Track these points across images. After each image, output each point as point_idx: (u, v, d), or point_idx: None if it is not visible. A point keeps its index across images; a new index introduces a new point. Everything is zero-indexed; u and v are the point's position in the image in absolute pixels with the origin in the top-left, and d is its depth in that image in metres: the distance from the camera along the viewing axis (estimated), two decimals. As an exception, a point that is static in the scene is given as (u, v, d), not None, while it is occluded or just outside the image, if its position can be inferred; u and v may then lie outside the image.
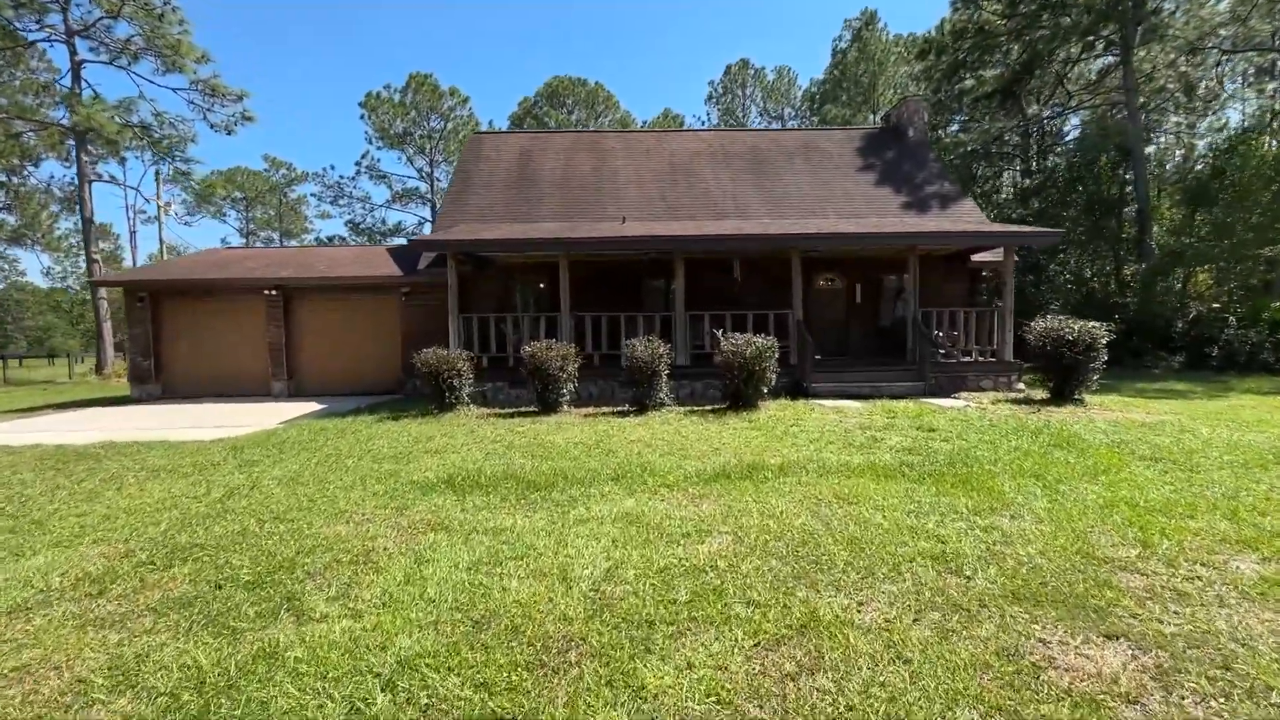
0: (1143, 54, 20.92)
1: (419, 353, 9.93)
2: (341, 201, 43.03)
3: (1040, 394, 10.53)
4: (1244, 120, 21.43)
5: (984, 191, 26.32)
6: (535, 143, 17.51)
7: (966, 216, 14.46)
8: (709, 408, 9.77)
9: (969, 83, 24.39)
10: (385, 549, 3.95)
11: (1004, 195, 27.30)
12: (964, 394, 11.12)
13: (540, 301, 14.39)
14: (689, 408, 9.86)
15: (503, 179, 15.97)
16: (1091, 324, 9.56)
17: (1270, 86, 22.87)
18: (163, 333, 14.71)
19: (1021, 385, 11.73)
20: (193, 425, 10.07)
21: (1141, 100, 20.61)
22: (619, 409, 9.82)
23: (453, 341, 11.51)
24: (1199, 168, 19.27)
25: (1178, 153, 24.03)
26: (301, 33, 75.96)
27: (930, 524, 4.18)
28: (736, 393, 9.39)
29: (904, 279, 14.27)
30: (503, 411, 9.91)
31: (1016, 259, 14.31)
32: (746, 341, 9.32)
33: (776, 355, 9.52)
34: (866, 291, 14.24)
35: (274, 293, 14.29)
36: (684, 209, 14.73)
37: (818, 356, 10.86)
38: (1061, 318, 9.88)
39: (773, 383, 9.52)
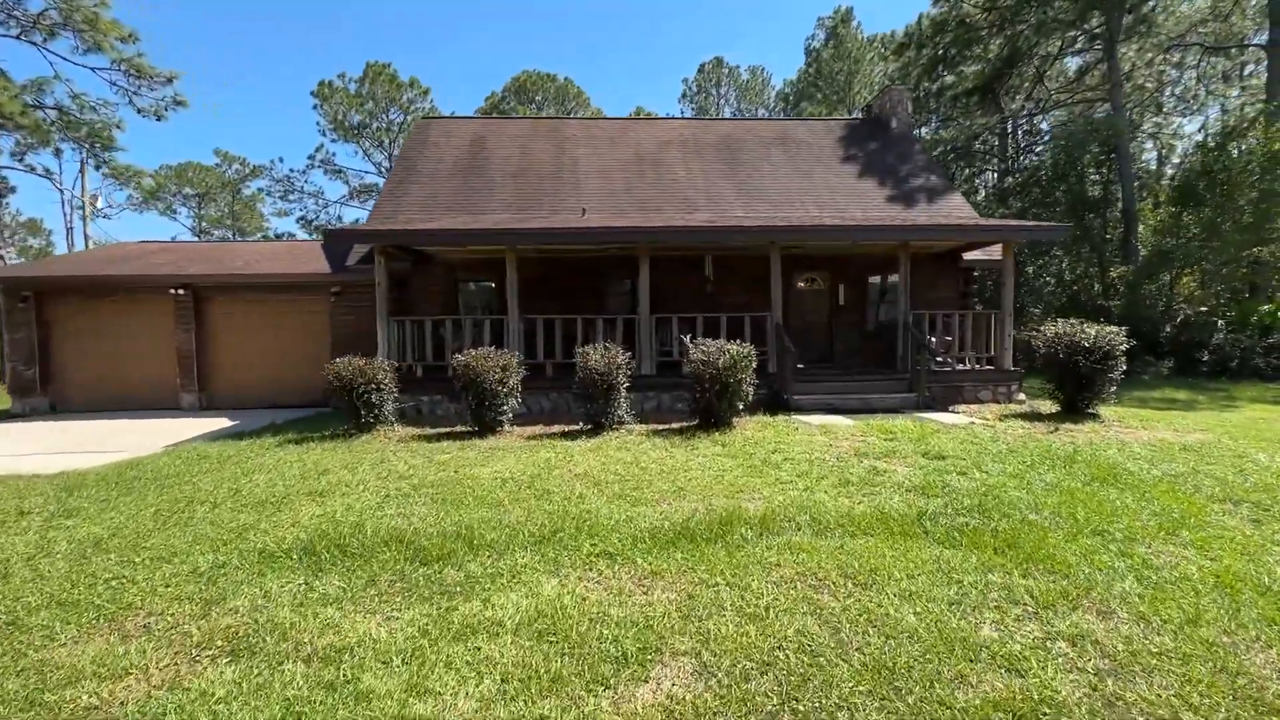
0: (1124, 52, 20.27)
1: (330, 363, 8.32)
2: (292, 197, 40.68)
3: (1047, 406, 9.37)
4: (1225, 119, 20.93)
5: (964, 192, 25.52)
6: (489, 129, 15.95)
7: (956, 211, 13.36)
8: (676, 426, 8.36)
9: (948, 79, 23.57)
10: (123, 703, 2.42)
11: (980, 196, 26.59)
12: (961, 406, 9.92)
13: (492, 304, 12.83)
14: (653, 426, 8.43)
15: (450, 167, 14.38)
16: (1110, 329, 8.42)
17: (1251, 84, 22.47)
18: (52, 338, 12.74)
19: (1022, 396, 10.59)
20: (59, 450, 8.30)
21: (1124, 99, 19.92)
22: (571, 428, 8.35)
23: (381, 349, 9.90)
24: (1186, 166, 18.56)
25: (1155, 154, 23.50)
26: (256, 12, 72.75)
27: (986, 629, 2.82)
28: (708, 409, 8.00)
29: (888, 280, 13.10)
30: (432, 432, 8.35)
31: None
32: (719, 349, 7.94)
33: (754, 364, 8.16)
34: (851, 293, 13.01)
35: (182, 292, 12.46)
36: (651, 202, 13.34)
37: (800, 365, 9.56)
38: (1074, 321, 8.73)
39: (749, 396, 8.16)
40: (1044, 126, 25.52)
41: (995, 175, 28.28)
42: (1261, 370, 16.22)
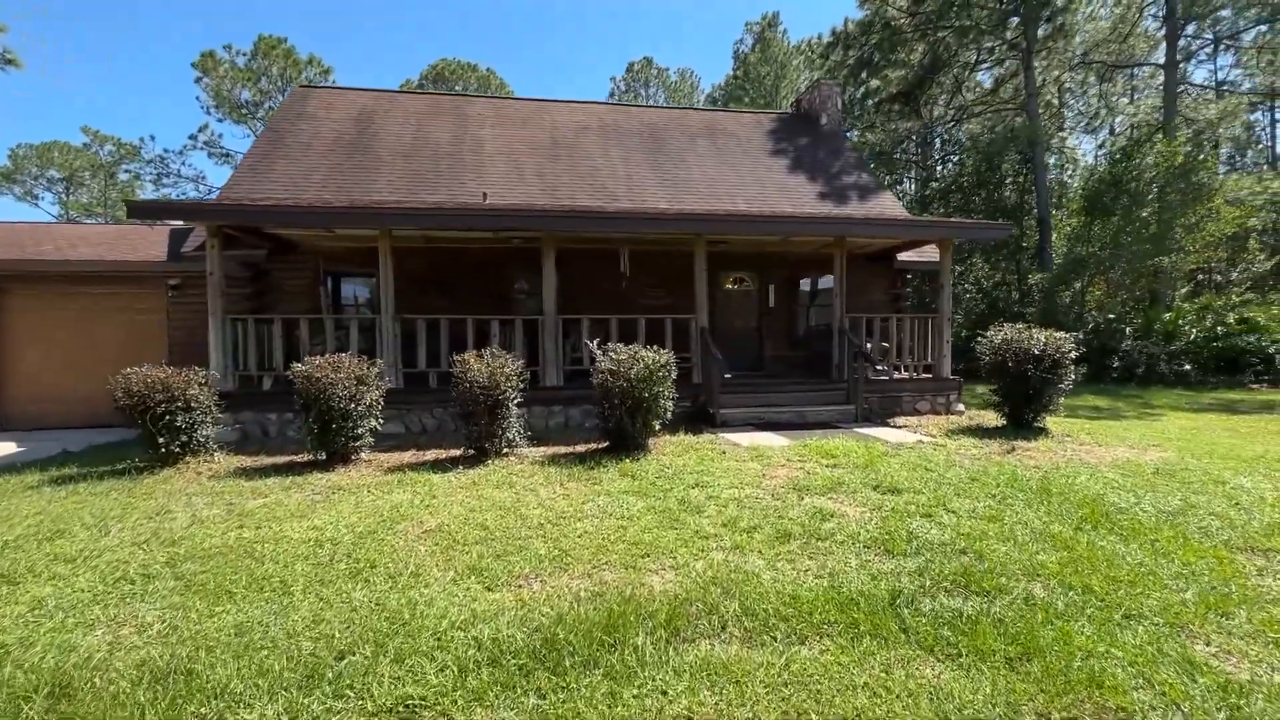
0: (1038, 66, 20.72)
1: (121, 374, 6.29)
2: (167, 180, 36.15)
3: (991, 418, 8.60)
4: (1128, 134, 21.86)
5: (887, 197, 25.60)
6: (380, 103, 13.94)
7: (889, 211, 12.67)
8: (582, 449, 6.90)
9: (873, 84, 23.47)
10: None
11: (902, 203, 26.84)
12: (901, 419, 9.03)
13: (376, 303, 10.90)
14: (554, 449, 6.93)
15: (329, 143, 12.31)
16: (1059, 335, 7.70)
17: (1149, 103, 23.65)
18: None
19: (961, 406, 9.85)
20: None
21: (1039, 110, 20.30)
22: (450, 454, 6.71)
23: (214, 355, 7.86)
24: (1095, 177, 19.03)
25: (1064, 167, 24.36)
26: (144, -8, 65.46)
27: None
28: (618, 429, 6.58)
29: (819, 283, 12.21)
30: (266, 463, 6.48)
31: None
32: (631, 357, 6.55)
33: (674, 375, 6.83)
34: (782, 295, 12.02)
35: (-39, 282, 9.82)
36: (565, 189, 11.84)
37: (727, 375, 8.36)
38: (1019, 327, 7.98)
39: (669, 412, 6.81)
40: (962, 137, 25.99)
41: (915, 184, 28.71)
42: (1165, 376, 16.66)
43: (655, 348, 6.83)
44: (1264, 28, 20.60)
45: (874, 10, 21.42)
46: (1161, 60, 19.90)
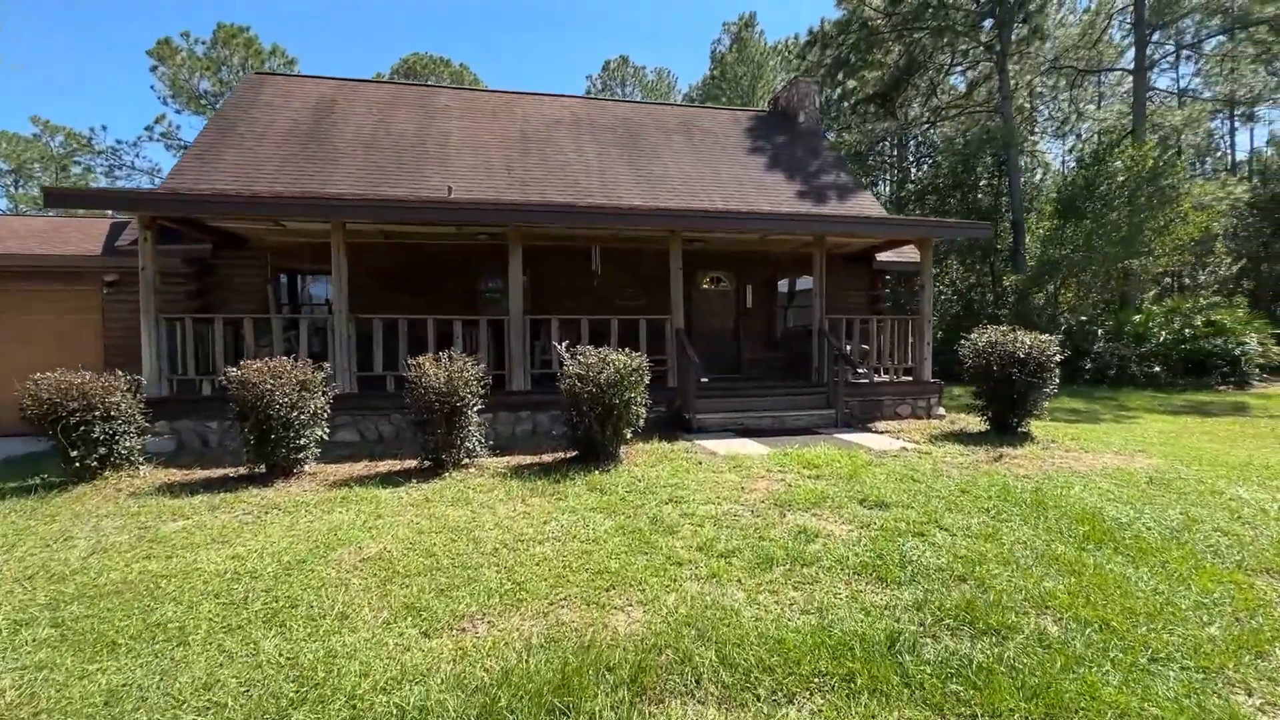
0: (1012, 69, 20.84)
1: (31, 380, 5.64)
2: (120, 172, 34.57)
3: (974, 423, 8.37)
4: (1098, 139, 22.14)
5: (863, 199, 25.60)
6: (341, 92, 13.27)
7: (867, 209, 12.44)
8: (549, 458, 6.44)
9: (850, 84, 23.40)
10: None
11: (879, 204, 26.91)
12: (882, 424, 8.75)
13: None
14: (519, 459, 6.46)
15: (284, 132, 11.63)
16: (1043, 337, 7.48)
17: (1116, 109, 24.01)
18: None
19: (942, 410, 9.62)
20: None
21: (1013, 113, 20.41)
22: (405, 465, 6.20)
23: (146, 358, 7.21)
24: (1068, 180, 19.16)
25: (1038, 171, 24.62)
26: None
27: None
28: (587, 438, 6.13)
29: (797, 284, 11.93)
30: (198, 478, 5.88)
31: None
32: (601, 360, 6.11)
33: (647, 379, 6.41)
34: (760, 296, 11.69)
35: None
36: (534, 184, 11.35)
37: (703, 379, 7.97)
38: (1003, 329, 7.74)
39: (642, 418, 6.39)
40: (936, 140, 26.12)
41: (891, 185, 28.81)
42: (1136, 378, 16.80)
43: (627, 350, 6.41)
44: (1224, 37, 21.02)
45: (851, 10, 21.33)
46: (1130, 66, 20.16)
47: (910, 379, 9.66)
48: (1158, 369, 16.86)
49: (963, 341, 8.05)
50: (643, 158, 12.93)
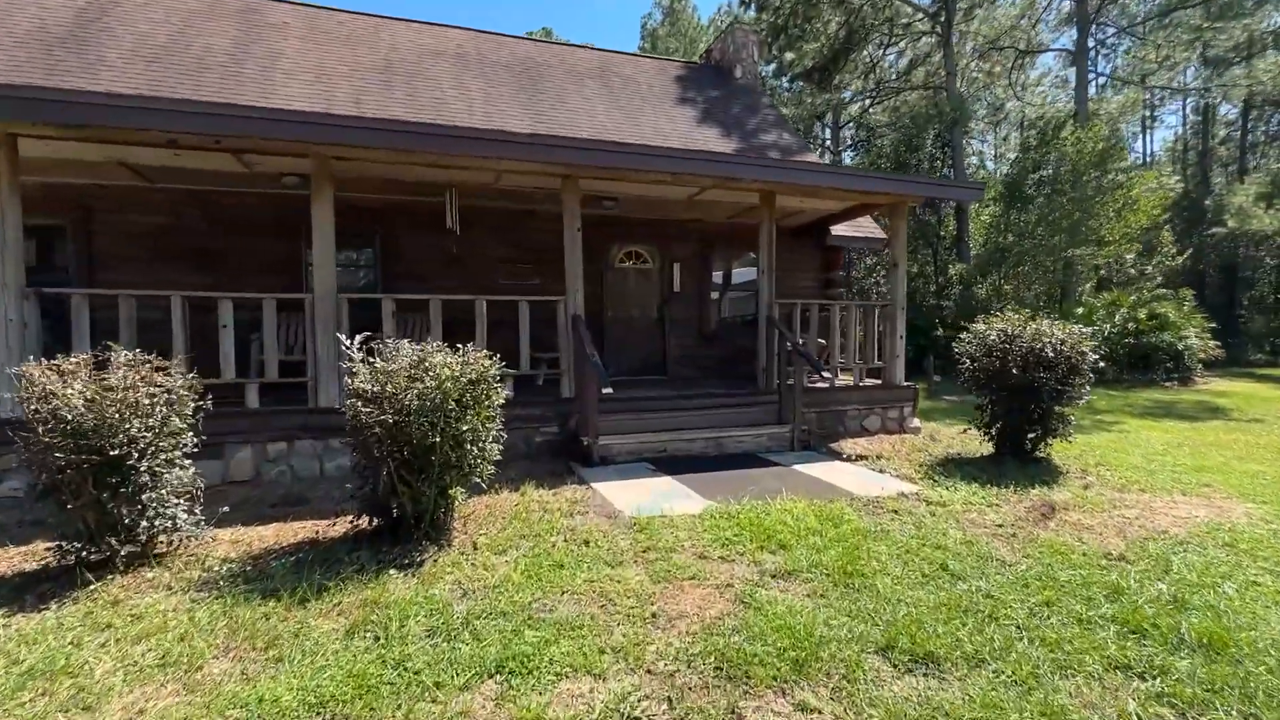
0: (957, 43, 19.56)
1: None
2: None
3: (967, 440, 6.33)
4: (1036, 123, 21.30)
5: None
6: (131, -8, 9.76)
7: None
8: (339, 528, 3.75)
9: (788, 57, 21.54)
10: None
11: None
12: (848, 442, 6.56)
13: (71, 265, 6.98)
14: (277, 533, 3.75)
15: (27, 31, 8.14)
16: (1074, 329, 5.47)
17: (1056, 91, 23.38)
18: None
19: (917, 422, 7.58)
20: None
21: (958, 89, 19.10)
22: (41, 560, 3.33)
23: None
24: (1015, 162, 18.00)
25: (976, 156, 23.71)
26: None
27: None
28: (385, 504, 3.47)
29: (733, 265, 9.64)
30: None
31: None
32: (414, 367, 3.46)
33: (502, 396, 3.81)
34: (691, 275, 9.30)
35: None
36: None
37: (606, 390, 5.43)
38: (1018, 319, 5.68)
39: (490, 460, 3.79)
40: (874, 124, 24.79)
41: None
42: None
43: (473, 349, 3.78)
44: (1157, 21, 20.50)
45: (789, -29, 19.39)
46: (1072, 47, 19.29)
47: (879, 382, 7.56)
48: (1103, 365, 15.91)
49: (962, 336, 5.95)
50: (544, 102, 10.24)
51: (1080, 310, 17.80)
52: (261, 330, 5.47)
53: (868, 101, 23.13)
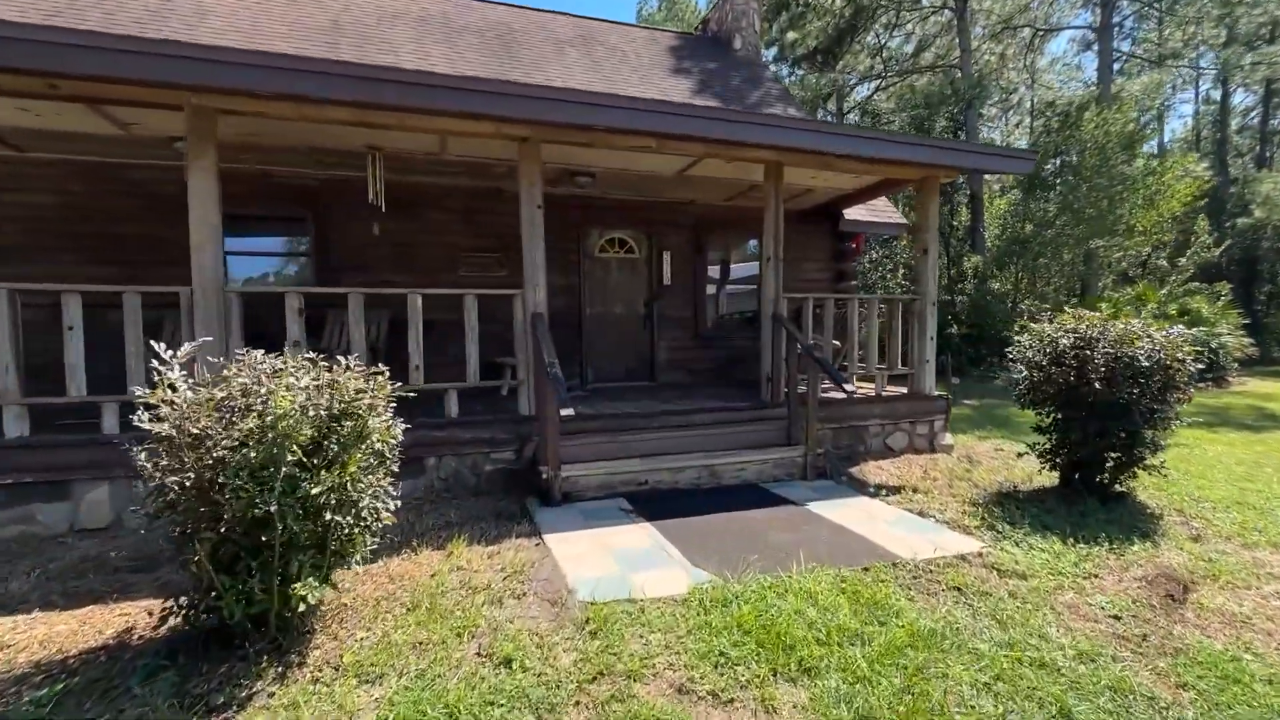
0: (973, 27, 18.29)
1: None
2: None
3: (1019, 464, 5.15)
4: (1064, 104, 20.01)
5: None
6: (40, -58, 8.50)
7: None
8: (164, 630, 2.55)
9: (791, 36, 20.26)
10: None
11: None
12: (871, 465, 5.39)
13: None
14: (79, 624, 2.54)
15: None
16: (1174, 331, 4.27)
17: (1076, 74, 22.11)
18: None
19: (949, 438, 6.40)
20: None
21: (972, 68, 17.84)
22: None
23: None
24: (1037, 143, 16.77)
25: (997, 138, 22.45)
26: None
27: None
28: (212, 594, 2.30)
29: (732, 248, 8.45)
30: None
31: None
32: (248, 393, 2.27)
33: (396, 432, 2.62)
34: (683, 266, 8.08)
35: None
36: (338, 89, 7.19)
37: (566, 411, 4.23)
38: (1101, 316, 4.48)
39: (369, 533, 2.61)
40: (880, 110, 23.53)
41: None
42: (1109, 375, 14.62)
43: (355, 362, 2.58)
44: None
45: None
46: (1095, 23, 18.03)
47: (904, 391, 6.37)
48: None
49: (1018, 338, 4.76)
50: (517, 72, 8.99)
51: (1104, 306, 16.62)
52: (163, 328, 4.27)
53: (873, 86, 21.83)
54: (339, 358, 2.59)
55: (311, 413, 2.21)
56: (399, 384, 2.73)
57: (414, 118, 4.37)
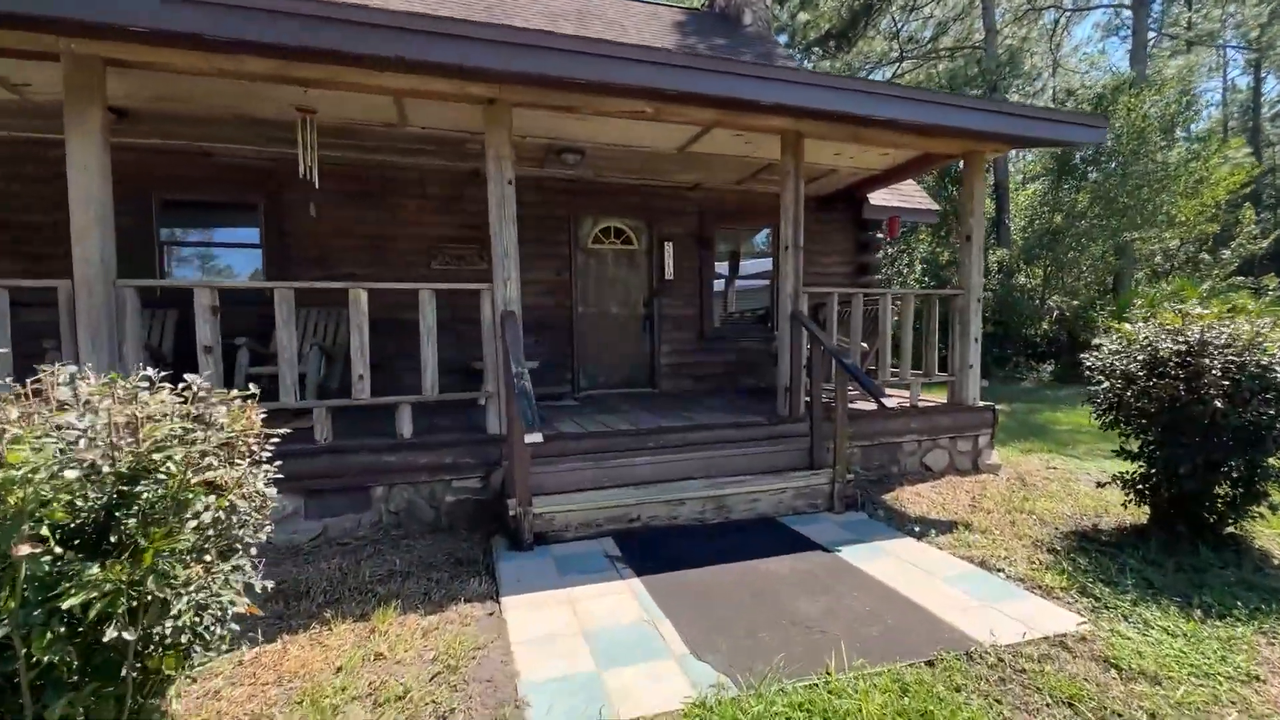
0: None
1: None
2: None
3: (1096, 493, 4.27)
4: (1099, 84, 18.88)
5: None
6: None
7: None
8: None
9: (803, 18, 19.30)
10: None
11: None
12: (908, 491, 4.52)
13: None
14: None
15: None
16: (1313, 330, 3.36)
17: (1103, 58, 20.96)
18: None
19: (995, 457, 5.50)
20: None
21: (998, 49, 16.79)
22: None
23: None
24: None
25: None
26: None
27: None
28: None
29: (742, 241, 7.59)
30: None
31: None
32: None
33: (255, 483, 1.80)
34: (687, 259, 7.20)
35: None
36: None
37: (532, 437, 3.40)
38: (1222, 316, 3.57)
39: (211, 645, 1.81)
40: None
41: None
42: (1146, 376, 13.62)
43: (198, 385, 1.76)
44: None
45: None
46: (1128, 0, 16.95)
47: (942, 401, 5.49)
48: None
49: (1097, 346, 3.88)
50: (506, 44, 8.15)
51: (1140, 302, 15.59)
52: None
53: (889, 72, 20.80)
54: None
55: (73, 473, 1.38)
56: (339, 402, 1.89)
57: (349, 71, 3.54)
